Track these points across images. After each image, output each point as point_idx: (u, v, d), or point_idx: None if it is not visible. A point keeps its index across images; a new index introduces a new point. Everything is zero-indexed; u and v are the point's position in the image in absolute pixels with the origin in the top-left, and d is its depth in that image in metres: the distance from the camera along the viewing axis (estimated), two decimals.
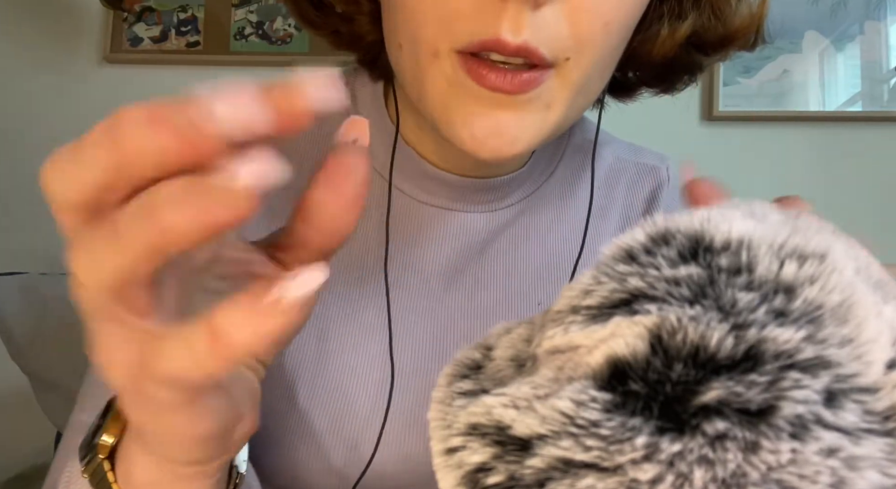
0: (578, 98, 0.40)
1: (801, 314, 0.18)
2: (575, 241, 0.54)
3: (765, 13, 0.45)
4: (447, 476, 0.20)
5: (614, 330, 0.19)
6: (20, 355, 1.12)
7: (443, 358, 0.51)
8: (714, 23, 0.44)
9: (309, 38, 1.49)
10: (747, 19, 0.44)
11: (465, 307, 0.51)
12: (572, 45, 0.37)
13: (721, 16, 0.44)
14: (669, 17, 0.43)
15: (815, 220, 0.22)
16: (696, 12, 0.43)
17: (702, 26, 0.44)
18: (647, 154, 0.61)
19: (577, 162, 0.57)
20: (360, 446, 0.48)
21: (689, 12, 0.43)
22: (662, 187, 0.59)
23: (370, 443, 0.48)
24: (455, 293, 0.51)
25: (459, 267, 0.52)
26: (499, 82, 0.36)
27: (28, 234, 1.48)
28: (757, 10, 0.45)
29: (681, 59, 0.46)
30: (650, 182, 0.59)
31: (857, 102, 1.45)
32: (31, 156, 1.48)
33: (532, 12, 0.35)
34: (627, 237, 0.21)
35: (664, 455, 0.17)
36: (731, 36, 0.45)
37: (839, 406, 0.17)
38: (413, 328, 0.50)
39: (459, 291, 0.51)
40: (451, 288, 0.51)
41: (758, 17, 0.45)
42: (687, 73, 0.49)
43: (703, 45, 0.45)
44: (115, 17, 1.50)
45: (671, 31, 0.43)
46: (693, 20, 0.43)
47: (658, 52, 0.44)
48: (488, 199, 0.52)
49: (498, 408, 0.19)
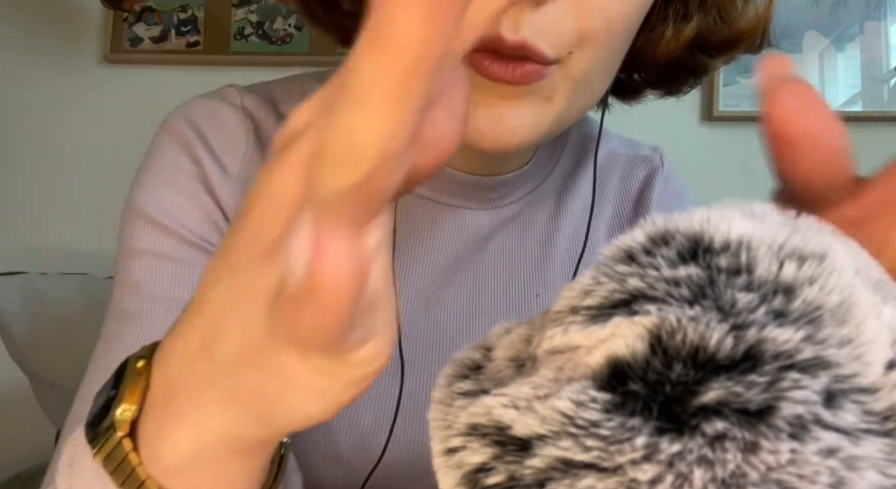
0: (580, 93, 0.40)
1: (801, 314, 0.18)
2: (572, 236, 0.55)
3: (770, 15, 0.45)
4: (447, 476, 0.20)
5: (614, 330, 0.19)
6: (20, 355, 1.12)
7: (443, 351, 0.51)
8: (719, 25, 0.44)
9: (309, 38, 1.49)
10: (753, 21, 0.44)
11: (465, 301, 0.52)
12: (575, 41, 0.37)
13: (727, 18, 0.44)
14: (674, 19, 0.43)
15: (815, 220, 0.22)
16: (702, 14, 0.43)
17: (707, 28, 0.44)
18: (639, 146, 0.61)
19: (575, 158, 0.57)
20: (368, 437, 0.49)
21: (695, 14, 0.43)
22: (656, 173, 0.59)
23: (378, 434, 0.48)
24: (455, 287, 0.52)
25: (460, 261, 0.52)
26: (500, 73, 0.36)
27: (28, 234, 1.48)
28: (763, 12, 0.45)
29: (685, 61, 0.46)
30: (643, 170, 0.59)
31: (857, 102, 1.45)
32: (31, 156, 1.48)
33: (533, 10, 0.35)
34: (627, 237, 0.21)
35: (664, 455, 0.17)
36: (737, 38, 0.45)
37: (838, 406, 0.17)
38: (416, 321, 0.51)
39: (460, 285, 0.52)
40: (451, 282, 0.52)
41: (763, 20, 0.45)
42: (691, 75, 0.49)
43: (708, 47, 0.45)
44: (115, 17, 1.50)
45: (676, 33, 0.43)
46: (698, 22, 0.43)
47: (662, 54, 0.44)
48: (491, 196, 0.52)
49: (498, 408, 0.19)
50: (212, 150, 0.47)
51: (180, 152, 0.46)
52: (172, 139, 0.46)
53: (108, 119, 1.48)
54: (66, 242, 1.46)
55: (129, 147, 0.90)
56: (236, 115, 0.48)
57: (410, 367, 0.49)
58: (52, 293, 1.13)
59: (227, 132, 0.47)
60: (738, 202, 0.23)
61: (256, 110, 0.49)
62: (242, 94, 0.50)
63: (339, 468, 0.49)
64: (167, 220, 0.44)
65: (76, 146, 1.47)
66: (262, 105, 0.50)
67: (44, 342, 1.10)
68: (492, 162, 0.50)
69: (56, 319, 1.11)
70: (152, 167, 0.47)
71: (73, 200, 1.46)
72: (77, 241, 1.45)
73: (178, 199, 0.44)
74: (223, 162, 0.46)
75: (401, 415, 0.49)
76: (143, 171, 0.47)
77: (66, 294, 1.13)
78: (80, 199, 1.46)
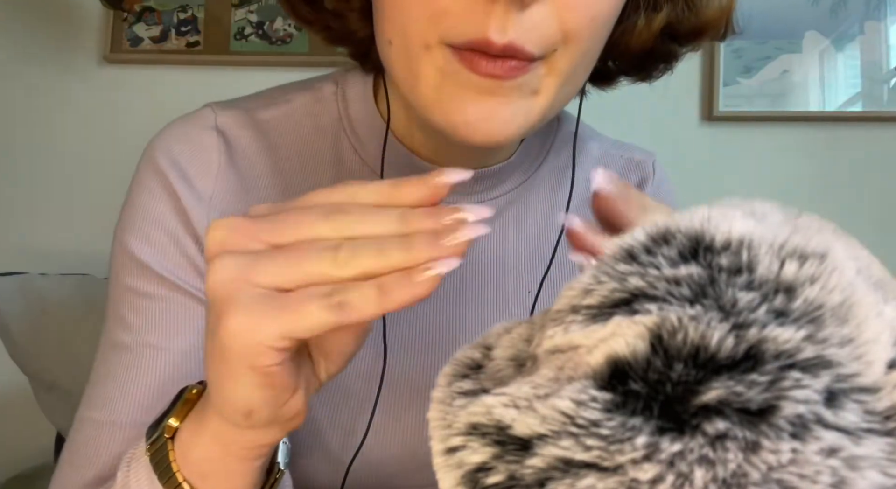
0: (565, 86, 0.42)
1: (802, 314, 0.18)
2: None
3: (734, 5, 0.48)
4: (447, 476, 0.20)
5: (614, 329, 0.19)
6: (20, 355, 1.12)
7: (432, 347, 0.52)
8: (687, 14, 0.47)
9: (309, 39, 1.49)
10: (718, 11, 0.47)
11: (455, 295, 0.52)
12: (560, 40, 0.39)
13: (693, 7, 0.47)
14: (646, 9, 0.46)
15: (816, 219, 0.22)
16: (671, 4, 0.46)
17: (676, 18, 0.47)
18: (633, 149, 0.63)
19: (565, 154, 0.58)
20: (355, 433, 0.49)
21: (664, 4, 0.46)
22: (647, 181, 0.61)
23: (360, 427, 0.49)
24: (445, 283, 0.52)
25: None
26: (490, 68, 0.38)
27: (28, 234, 1.48)
28: (726, 2, 0.48)
29: (657, 49, 0.48)
30: (636, 175, 0.61)
31: (857, 102, 1.45)
32: (31, 156, 1.48)
33: (519, 12, 0.36)
34: (628, 237, 0.21)
35: (664, 455, 0.17)
36: (704, 27, 0.48)
37: (840, 406, 0.17)
38: (404, 316, 0.51)
39: (449, 280, 0.52)
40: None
41: (727, 9, 0.48)
42: (663, 61, 0.51)
43: (678, 35, 0.48)
44: (115, 17, 1.50)
45: (647, 23, 0.46)
46: (668, 12, 0.46)
47: (636, 43, 0.47)
48: (478, 189, 0.53)
49: (498, 407, 0.19)
50: (186, 177, 0.49)
51: (159, 188, 0.49)
52: (151, 172, 0.50)
53: (108, 119, 1.48)
54: (66, 243, 1.45)
55: (129, 147, 0.90)
56: (210, 136, 0.51)
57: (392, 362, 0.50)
58: (52, 293, 1.13)
59: (200, 155, 0.50)
60: (738, 201, 0.23)
61: (230, 126, 0.52)
62: (218, 112, 0.52)
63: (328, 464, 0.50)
64: (150, 260, 0.48)
65: (76, 146, 1.47)
66: (238, 119, 0.52)
67: (44, 342, 1.10)
68: (476, 155, 0.52)
69: (56, 319, 1.11)
70: (136, 205, 0.50)
71: (72, 200, 1.46)
72: (77, 242, 1.45)
73: (160, 239, 0.48)
74: (197, 186, 0.49)
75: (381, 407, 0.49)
76: (128, 207, 0.50)
77: (66, 294, 1.13)
78: (80, 199, 1.46)
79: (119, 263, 0.49)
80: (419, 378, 0.51)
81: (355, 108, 0.52)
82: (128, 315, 0.47)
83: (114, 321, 0.48)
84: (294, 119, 0.52)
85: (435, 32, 0.38)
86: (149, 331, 0.47)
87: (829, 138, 1.44)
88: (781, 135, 1.45)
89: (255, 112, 0.52)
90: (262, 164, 0.51)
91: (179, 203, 0.48)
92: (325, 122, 0.52)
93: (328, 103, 0.53)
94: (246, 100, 0.54)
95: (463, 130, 0.39)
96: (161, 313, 0.47)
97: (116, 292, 0.49)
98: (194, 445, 0.35)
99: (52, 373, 1.12)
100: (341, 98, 0.53)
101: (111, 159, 1.48)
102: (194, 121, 0.51)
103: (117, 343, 0.47)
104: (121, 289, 0.48)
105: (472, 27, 0.36)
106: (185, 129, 0.51)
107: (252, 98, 0.54)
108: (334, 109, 0.52)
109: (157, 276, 0.47)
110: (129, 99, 1.51)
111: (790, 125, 1.44)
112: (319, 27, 0.49)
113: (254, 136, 0.51)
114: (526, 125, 0.41)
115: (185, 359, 0.46)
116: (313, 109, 0.53)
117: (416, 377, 0.51)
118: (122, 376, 0.46)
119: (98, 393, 0.47)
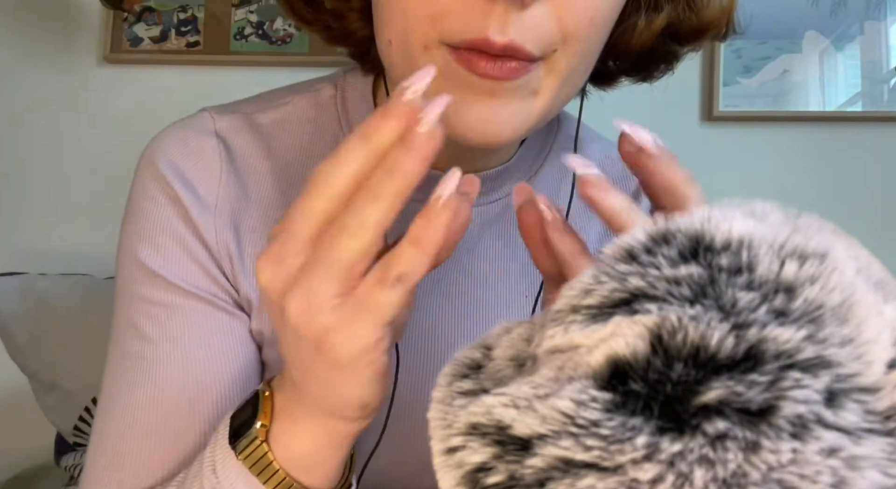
0: (565, 86, 0.42)
1: (802, 314, 0.18)
2: None
3: (735, 5, 0.48)
4: (447, 475, 0.20)
5: (615, 329, 0.19)
6: (20, 355, 1.12)
7: (433, 352, 0.52)
8: (688, 14, 0.46)
9: (309, 39, 1.49)
10: (719, 11, 0.47)
11: (454, 299, 0.52)
12: (559, 40, 0.38)
13: (694, 7, 0.46)
14: (646, 9, 0.46)
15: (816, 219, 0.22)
16: (672, 4, 0.46)
17: (676, 18, 0.46)
18: None
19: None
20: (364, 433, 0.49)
21: (665, 4, 0.46)
22: None
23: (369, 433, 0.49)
24: (445, 286, 0.52)
25: (450, 260, 0.52)
26: (489, 69, 0.37)
27: (28, 233, 1.48)
28: (727, 2, 0.47)
29: (657, 49, 0.48)
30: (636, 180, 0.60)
31: (857, 102, 1.45)
32: (31, 156, 1.48)
33: (519, 12, 0.36)
34: (628, 237, 0.21)
35: (664, 455, 0.17)
36: (705, 27, 0.47)
37: (840, 406, 0.17)
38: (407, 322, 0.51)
39: (449, 284, 0.52)
40: (442, 281, 0.52)
41: (728, 10, 0.48)
42: (663, 62, 0.51)
43: (678, 35, 0.48)
44: (115, 17, 1.50)
45: (648, 23, 0.46)
46: (668, 12, 0.46)
47: (636, 43, 0.46)
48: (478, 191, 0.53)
49: (498, 407, 0.19)
50: (189, 184, 0.49)
51: (162, 195, 0.48)
52: (153, 178, 0.49)
53: (108, 119, 1.48)
54: (66, 243, 1.45)
55: (129, 147, 0.90)
56: (210, 141, 0.50)
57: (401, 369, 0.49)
58: (52, 293, 1.13)
59: (202, 161, 0.49)
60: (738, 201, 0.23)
61: (230, 131, 0.51)
62: (216, 116, 0.51)
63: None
64: (158, 267, 0.47)
65: (76, 146, 1.47)
66: (237, 123, 0.51)
67: (44, 342, 1.10)
68: (476, 157, 0.51)
69: (56, 319, 1.11)
70: (141, 213, 0.49)
71: (73, 200, 1.46)
72: (77, 242, 1.45)
73: (169, 247, 0.48)
74: (200, 193, 0.49)
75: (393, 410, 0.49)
76: (132, 215, 0.50)
77: (66, 294, 1.13)
78: (80, 199, 1.46)
79: (128, 273, 0.48)
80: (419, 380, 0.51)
81: (354, 109, 0.52)
82: (142, 324, 0.47)
83: (126, 331, 0.48)
84: (293, 122, 0.52)
85: (434, 32, 0.38)
86: (167, 339, 0.46)
87: (829, 138, 1.44)
88: (781, 135, 1.45)
89: (253, 116, 0.52)
90: (262, 169, 0.51)
91: (185, 210, 0.48)
92: (324, 125, 0.52)
93: (327, 105, 0.53)
94: (243, 104, 0.54)
95: (462, 132, 0.39)
96: (179, 320, 0.47)
97: (126, 302, 0.48)
98: (293, 443, 0.37)
99: (52, 373, 1.12)
100: (340, 100, 0.53)
101: (111, 159, 1.48)
102: (193, 126, 0.51)
103: (132, 353, 0.47)
104: (132, 298, 0.48)
105: (472, 27, 0.36)
106: (185, 134, 0.50)
107: (249, 102, 0.54)
108: (333, 111, 0.52)
109: (171, 285, 0.47)
110: (129, 99, 1.51)
111: (790, 125, 1.44)
112: (319, 27, 0.49)
113: (253, 140, 0.51)
114: (525, 126, 0.41)
115: (209, 363, 0.46)
116: (312, 112, 0.52)
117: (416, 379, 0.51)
118: (142, 384, 0.46)
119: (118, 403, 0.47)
